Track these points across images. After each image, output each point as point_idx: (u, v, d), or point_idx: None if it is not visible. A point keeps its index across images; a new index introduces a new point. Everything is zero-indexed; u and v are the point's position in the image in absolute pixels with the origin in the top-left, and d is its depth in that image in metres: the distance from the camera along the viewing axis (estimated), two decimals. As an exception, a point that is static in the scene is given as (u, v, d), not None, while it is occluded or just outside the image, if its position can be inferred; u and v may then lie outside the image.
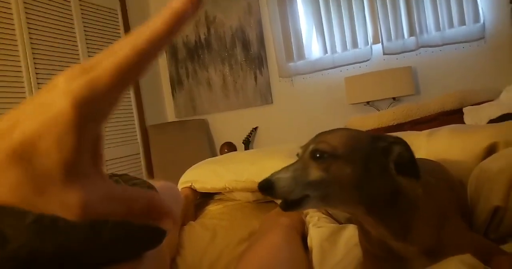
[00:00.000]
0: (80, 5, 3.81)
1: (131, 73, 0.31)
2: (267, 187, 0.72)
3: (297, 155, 0.80)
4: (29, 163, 0.28)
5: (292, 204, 0.72)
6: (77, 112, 0.29)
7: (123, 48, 0.31)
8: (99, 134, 0.34)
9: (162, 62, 4.86)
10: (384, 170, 0.75)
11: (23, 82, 3.19)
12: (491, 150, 1.08)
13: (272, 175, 0.73)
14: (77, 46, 3.72)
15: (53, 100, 0.29)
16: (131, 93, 4.33)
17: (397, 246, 0.78)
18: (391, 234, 0.77)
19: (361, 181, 0.73)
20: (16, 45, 3.19)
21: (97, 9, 4.03)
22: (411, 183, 0.76)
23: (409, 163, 0.75)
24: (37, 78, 3.28)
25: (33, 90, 3.23)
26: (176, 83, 4.80)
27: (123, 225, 0.70)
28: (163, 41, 0.33)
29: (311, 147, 0.76)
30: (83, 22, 3.81)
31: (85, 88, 0.29)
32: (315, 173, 0.73)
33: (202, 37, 4.61)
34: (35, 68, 3.28)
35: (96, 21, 3.99)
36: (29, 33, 3.29)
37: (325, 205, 0.79)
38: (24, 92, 3.19)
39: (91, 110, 0.30)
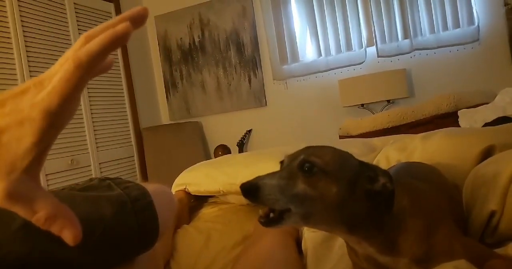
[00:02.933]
0: (75, 8, 3.80)
1: (76, 84, 0.37)
2: (251, 190, 0.68)
3: (281, 163, 0.77)
4: None
5: (273, 220, 0.69)
6: (45, 121, 0.36)
7: (66, 65, 0.37)
8: (51, 141, 0.40)
9: (156, 65, 4.86)
10: (367, 195, 0.73)
11: (17, 85, 3.16)
12: (486, 153, 1.07)
13: (258, 179, 0.69)
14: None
15: (22, 108, 0.37)
16: (125, 96, 4.31)
17: (384, 260, 0.77)
18: (376, 251, 0.76)
19: (344, 203, 0.71)
20: (11, 48, 3.17)
21: (92, 12, 4.02)
22: (396, 198, 0.74)
23: (387, 196, 0.73)
24: (30, 80, 3.25)
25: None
26: (170, 86, 4.79)
27: (112, 229, 0.69)
28: (99, 57, 0.38)
29: (301, 157, 0.72)
30: (77, 25, 3.80)
31: (47, 101, 0.36)
32: (301, 185, 0.69)
33: (196, 39, 4.61)
34: (30, 71, 3.26)
35: (91, 24, 3.97)
36: (24, 36, 3.27)
37: (306, 223, 0.75)
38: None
39: (54, 121, 0.37)
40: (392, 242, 0.75)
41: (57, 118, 0.37)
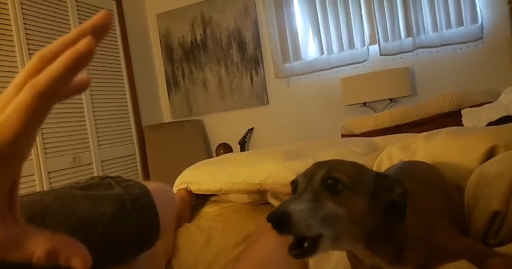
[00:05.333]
0: (77, 5, 3.80)
1: (35, 116, 0.32)
2: (282, 221, 0.60)
3: (294, 183, 0.71)
4: None
5: (308, 250, 0.62)
6: None
7: (24, 93, 0.32)
8: (16, 178, 0.34)
9: (158, 63, 4.85)
10: (387, 206, 0.70)
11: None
12: (490, 153, 1.06)
13: (284, 205, 0.62)
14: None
15: None
16: (127, 94, 4.32)
17: None
18: (386, 262, 0.74)
19: (368, 217, 0.68)
20: (13, 46, 3.18)
21: (93, 9, 4.01)
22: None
23: (400, 206, 0.69)
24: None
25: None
26: (172, 84, 4.79)
27: (113, 228, 0.69)
28: (62, 83, 0.33)
29: (322, 172, 0.67)
30: (79, 22, 3.79)
31: None
32: (329, 206, 0.64)
33: (198, 37, 4.60)
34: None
35: (92, 21, 3.97)
36: (26, 33, 3.27)
37: (334, 246, 0.67)
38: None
39: (5, 157, 0.31)
40: (399, 251, 0.73)
41: (9, 156, 0.32)
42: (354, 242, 0.70)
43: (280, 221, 0.60)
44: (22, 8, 3.26)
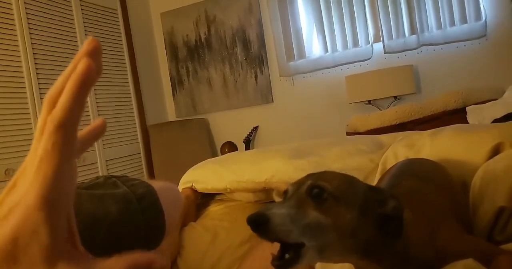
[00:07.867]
0: (81, 5, 3.80)
1: (65, 148, 0.33)
2: (260, 222, 0.59)
3: (285, 193, 0.71)
4: (15, 260, 0.31)
5: (290, 261, 0.61)
6: (45, 207, 0.32)
7: (47, 129, 0.33)
8: (69, 212, 0.35)
9: (163, 62, 4.85)
10: (377, 220, 0.69)
11: (24, 82, 3.18)
12: (496, 150, 1.05)
13: (264, 209, 0.61)
14: (77, 46, 3.70)
15: (18, 201, 0.33)
16: (132, 93, 4.32)
17: None
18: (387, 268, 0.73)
19: (358, 229, 0.66)
20: (18, 46, 3.18)
21: (98, 9, 4.01)
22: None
23: (396, 221, 0.68)
24: (38, 78, 3.26)
25: (34, 89, 3.22)
26: (176, 83, 4.79)
27: (118, 227, 0.69)
28: (77, 107, 0.34)
29: (308, 182, 0.67)
30: (83, 22, 3.80)
31: (38, 183, 0.32)
32: (313, 214, 0.63)
33: (203, 36, 4.60)
34: (36, 68, 3.26)
35: (97, 21, 3.98)
36: (30, 33, 3.27)
37: (321, 257, 0.66)
38: (25, 92, 3.18)
39: (55, 200, 0.32)
40: (401, 258, 0.72)
41: (57, 195, 0.33)
42: (346, 254, 0.69)
43: (258, 223, 0.59)
44: (26, 8, 3.26)
